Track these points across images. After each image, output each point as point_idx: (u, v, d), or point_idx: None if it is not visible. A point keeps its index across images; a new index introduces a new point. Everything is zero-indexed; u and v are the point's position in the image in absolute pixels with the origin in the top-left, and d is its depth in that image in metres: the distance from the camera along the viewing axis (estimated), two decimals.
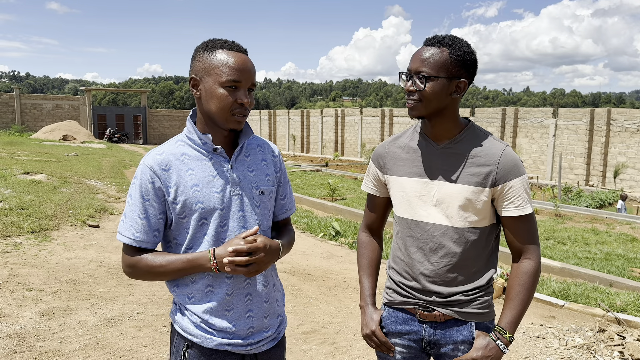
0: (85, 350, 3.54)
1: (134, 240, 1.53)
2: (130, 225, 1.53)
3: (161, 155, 1.54)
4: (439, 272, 1.68)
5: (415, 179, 1.71)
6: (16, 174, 11.78)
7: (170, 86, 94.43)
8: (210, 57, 1.50)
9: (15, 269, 5.13)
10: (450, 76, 1.60)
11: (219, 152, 1.56)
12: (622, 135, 19.81)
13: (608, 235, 9.47)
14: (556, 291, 5.56)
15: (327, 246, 7.61)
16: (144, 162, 1.54)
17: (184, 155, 1.55)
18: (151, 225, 1.53)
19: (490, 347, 1.63)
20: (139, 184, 1.53)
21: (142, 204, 1.52)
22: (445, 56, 1.59)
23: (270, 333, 1.64)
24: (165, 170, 1.52)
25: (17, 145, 22.67)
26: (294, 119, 37.40)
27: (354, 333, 4.22)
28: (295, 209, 1.83)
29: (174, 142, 1.59)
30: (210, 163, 1.55)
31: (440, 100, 1.61)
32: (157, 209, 1.53)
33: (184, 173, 1.53)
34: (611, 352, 3.96)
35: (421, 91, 1.60)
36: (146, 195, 1.52)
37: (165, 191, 1.52)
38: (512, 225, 1.66)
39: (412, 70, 1.62)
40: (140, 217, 1.53)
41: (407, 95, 1.64)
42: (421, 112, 1.63)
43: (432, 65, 1.58)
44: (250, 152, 1.65)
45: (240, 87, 1.50)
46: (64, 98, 41.28)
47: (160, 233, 1.56)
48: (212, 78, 1.49)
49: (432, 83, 1.59)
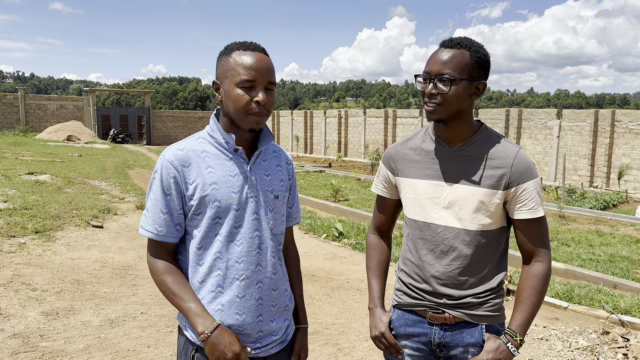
0: (89, 351, 3.54)
1: (156, 234, 1.53)
2: (153, 220, 1.54)
3: (182, 150, 1.54)
4: (450, 274, 1.67)
5: (428, 181, 1.70)
6: (20, 174, 11.82)
7: (174, 87, 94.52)
8: (227, 60, 1.52)
9: (19, 269, 5.14)
10: (471, 78, 1.59)
11: (239, 153, 1.56)
12: (626, 137, 19.74)
13: (612, 236, 9.43)
14: (560, 293, 5.53)
15: (330, 247, 7.60)
16: (165, 157, 1.54)
17: (204, 153, 1.55)
18: (174, 219, 1.54)
19: (501, 350, 1.62)
20: (160, 179, 1.53)
21: (164, 199, 1.52)
22: (467, 58, 1.58)
23: (278, 336, 1.64)
24: (185, 166, 1.52)
25: (21, 146, 22.74)
26: (297, 120, 37.40)
27: (357, 334, 4.21)
28: (300, 219, 1.85)
29: (195, 139, 1.59)
30: (230, 163, 1.56)
31: (461, 103, 1.60)
32: (178, 204, 1.53)
33: (203, 170, 1.53)
34: (615, 355, 3.94)
35: (444, 94, 1.58)
36: (167, 190, 1.52)
37: (184, 187, 1.52)
38: (524, 228, 1.65)
39: (433, 73, 1.60)
40: (162, 212, 1.53)
41: (427, 98, 1.61)
42: (441, 115, 1.62)
43: (455, 67, 1.57)
44: (267, 157, 1.66)
45: (256, 86, 1.50)
46: (68, 99, 41.35)
47: (182, 227, 1.56)
48: (228, 80, 1.51)
49: (456, 86, 1.57)
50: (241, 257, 1.54)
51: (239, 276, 1.54)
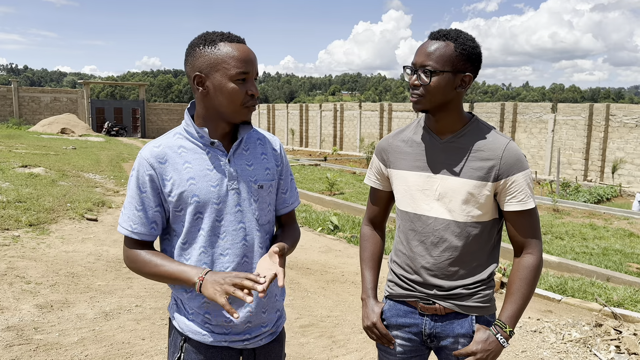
0: (84, 343, 3.54)
1: (131, 232, 1.53)
2: (128, 217, 1.54)
3: (158, 147, 1.53)
4: (440, 265, 1.68)
5: (418, 172, 1.71)
6: (14, 167, 11.75)
7: (169, 79, 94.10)
8: (214, 52, 1.47)
9: (13, 262, 5.13)
10: (455, 70, 1.59)
11: (216, 145, 1.55)
12: (620, 131, 19.82)
13: (606, 230, 9.49)
14: (553, 286, 5.57)
15: (326, 240, 7.61)
16: (141, 155, 1.53)
17: (181, 148, 1.54)
18: (148, 217, 1.53)
19: (490, 340, 1.63)
20: (136, 176, 1.52)
21: (139, 196, 1.52)
22: (451, 50, 1.58)
23: (268, 328, 1.64)
24: (161, 162, 1.51)
25: (15, 138, 22.61)
26: (292, 113, 37.33)
27: (351, 327, 4.23)
28: (299, 202, 1.81)
29: (172, 135, 1.58)
30: (208, 157, 1.54)
31: (444, 95, 1.60)
32: (153, 201, 1.52)
33: (180, 166, 1.51)
34: (607, 347, 3.97)
35: (426, 85, 1.59)
36: (143, 187, 1.51)
37: (162, 183, 1.51)
38: (515, 220, 1.66)
39: (417, 64, 1.61)
40: (137, 209, 1.52)
41: (411, 89, 1.63)
42: (425, 106, 1.63)
43: (437, 59, 1.58)
44: (249, 146, 1.63)
45: (248, 79, 1.49)
46: (62, 91, 41.11)
47: (158, 225, 1.56)
48: (220, 73, 1.46)
49: (437, 77, 1.58)
50: (226, 249, 1.54)
51: (224, 268, 1.54)
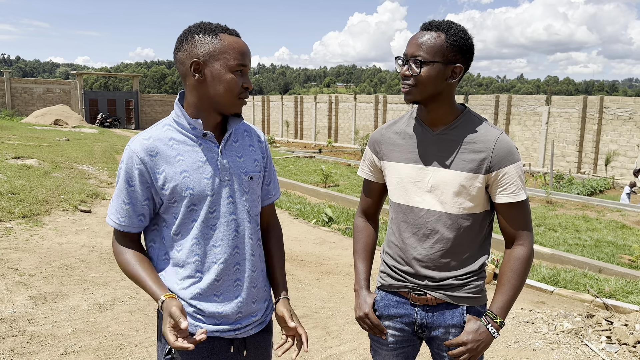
0: (77, 335, 3.54)
1: (118, 224, 1.54)
2: (115, 210, 1.54)
3: (148, 140, 1.51)
4: (432, 257, 1.69)
5: (411, 164, 1.71)
6: (7, 158, 11.68)
7: (163, 71, 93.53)
8: (215, 41, 1.47)
9: (6, 254, 5.11)
10: (446, 61, 1.59)
11: (208, 137, 1.54)
12: (614, 123, 19.90)
13: (598, 222, 9.55)
14: (546, 277, 5.61)
15: (320, 232, 7.62)
16: (131, 148, 1.50)
17: (172, 140, 1.52)
18: (136, 210, 1.53)
19: (481, 331, 1.64)
20: (125, 170, 1.51)
21: (127, 190, 1.51)
22: (442, 41, 1.58)
23: (257, 317, 1.65)
24: (152, 156, 1.49)
25: (7, 130, 22.43)
26: (287, 105, 37.23)
27: (345, 318, 4.25)
28: (279, 195, 1.83)
29: (162, 127, 1.55)
30: (200, 149, 1.53)
31: (435, 85, 1.60)
32: (142, 195, 1.51)
33: (172, 159, 1.50)
34: (599, 337, 4.01)
35: (416, 76, 1.59)
36: (131, 181, 1.50)
37: (153, 177, 1.49)
38: (506, 212, 1.66)
39: (408, 55, 1.61)
40: (124, 203, 1.52)
41: (402, 79, 1.63)
42: (416, 97, 1.63)
43: (428, 49, 1.57)
44: (238, 138, 1.63)
45: (245, 72, 1.51)
46: (55, 82, 40.77)
47: (145, 217, 1.56)
48: (220, 62, 1.47)
49: (427, 68, 1.58)
50: (218, 241, 1.54)
51: (216, 260, 1.54)
